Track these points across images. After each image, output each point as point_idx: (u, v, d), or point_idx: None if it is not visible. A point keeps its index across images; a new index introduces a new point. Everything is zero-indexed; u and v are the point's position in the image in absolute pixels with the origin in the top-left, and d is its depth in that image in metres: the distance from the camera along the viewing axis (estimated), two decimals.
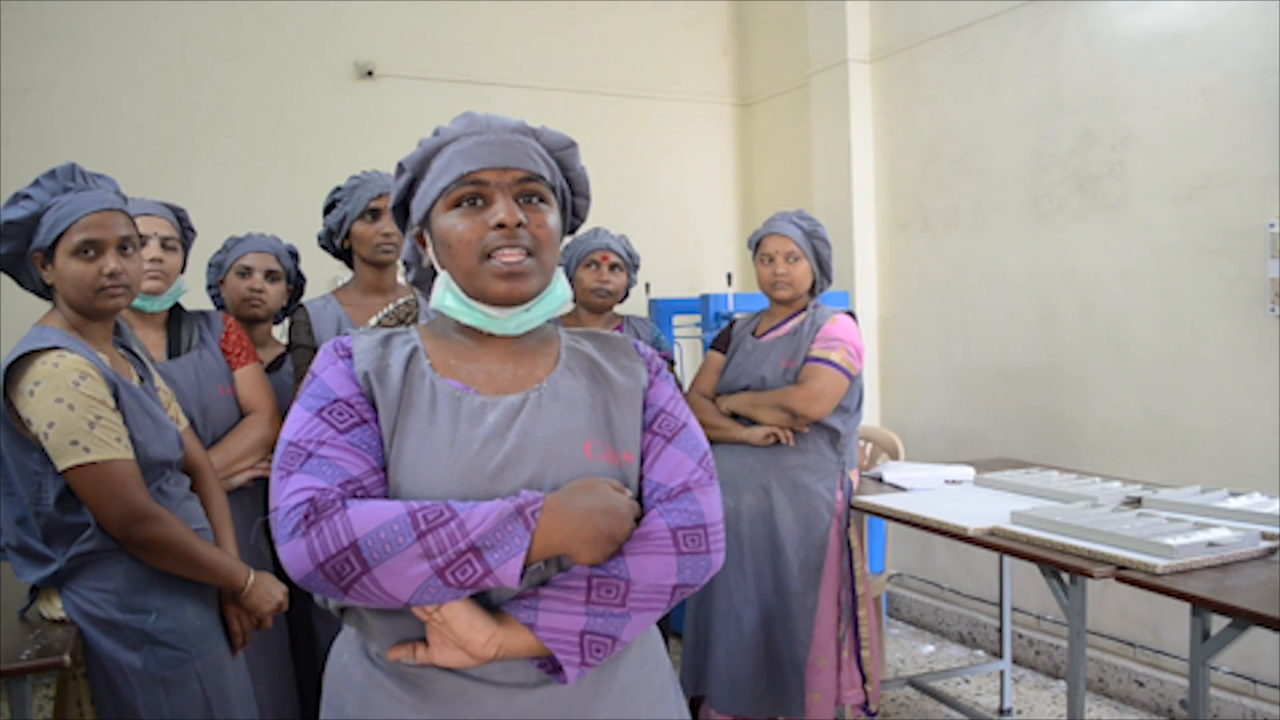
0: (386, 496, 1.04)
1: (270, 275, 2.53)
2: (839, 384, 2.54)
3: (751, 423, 2.62)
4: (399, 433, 1.06)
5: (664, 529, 1.06)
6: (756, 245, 2.70)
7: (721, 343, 2.83)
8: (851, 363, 2.56)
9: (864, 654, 2.62)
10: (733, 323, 2.88)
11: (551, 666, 1.03)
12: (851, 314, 2.68)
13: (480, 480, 1.04)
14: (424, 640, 1.04)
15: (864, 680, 2.61)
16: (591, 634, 1.01)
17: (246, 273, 2.51)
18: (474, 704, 1.04)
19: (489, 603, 1.04)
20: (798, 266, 2.62)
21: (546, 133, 1.18)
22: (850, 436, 2.66)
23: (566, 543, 1.01)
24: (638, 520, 1.07)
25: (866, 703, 2.62)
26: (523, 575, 0.99)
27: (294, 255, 2.65)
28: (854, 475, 2.68)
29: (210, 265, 2.64)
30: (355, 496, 1.01)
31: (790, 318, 2.69)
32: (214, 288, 2.66)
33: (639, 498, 1.11)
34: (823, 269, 2.68)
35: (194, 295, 2.60)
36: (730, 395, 2.70)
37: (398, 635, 1.06)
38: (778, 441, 2.58)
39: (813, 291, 2.71)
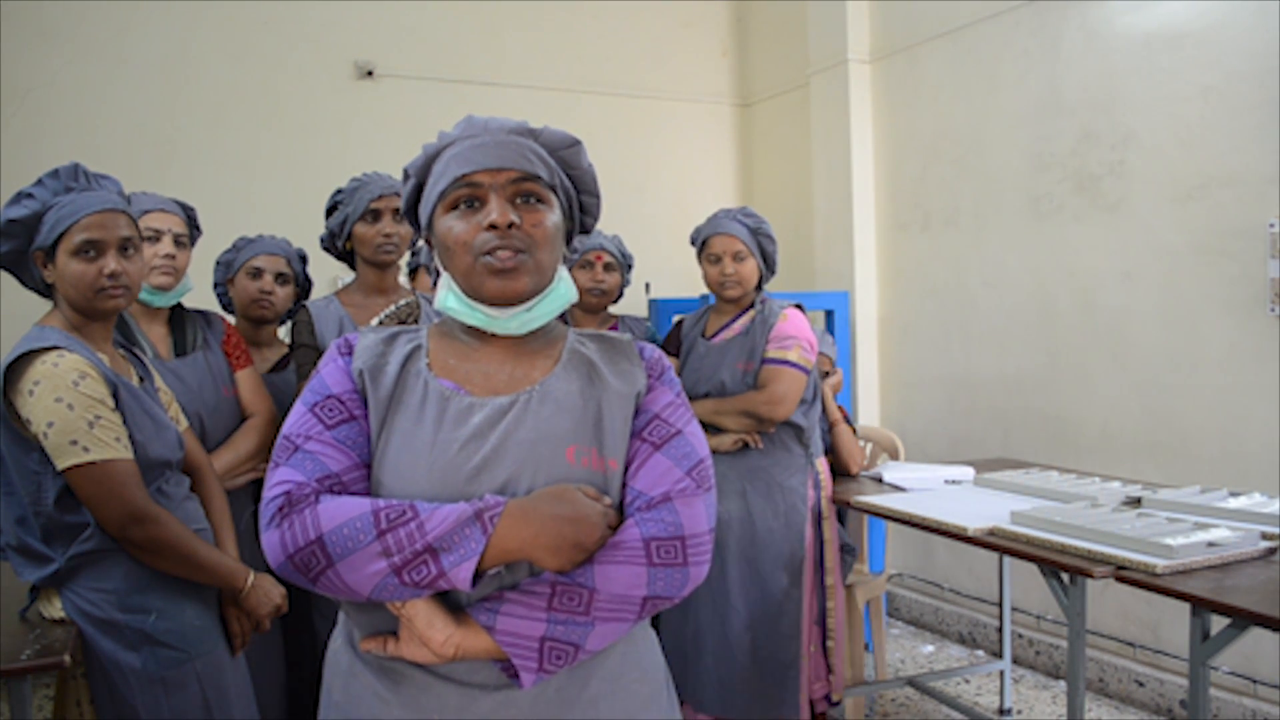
0: (367, 493, 1.06)
1: (280, 278, 2.55)
2: (799, 383, 2.53)
3: (718, 430, 2.60)
4: (386, 430, 1.08)
5: (636, 539, 1.04)
6: (702, 244, 2.68)
7: (672, 345, 2.80)
8: (807, 358, 2.55)
9: (829, 644, 2.61)
10: (679, 323, 2.84)
11: (513, 670, 1.03)
12: (799, 306, 2.66)
13: (456, 481, 1.04)
14: (396, 633, 1.05)
15: (829, 672, 2.61)
16: (552, 640, 1.01)
17: (257, 274, 2.52)
18: (439, 700, 1.05)
19: (456, 603, 1.04)
20: (745, 265, 2.60)
21: (548, 132, 1.18)
22: (812, 428, 2.65)
23: (525, 548, 1.00)
24: (615, 528, 1.06)
25: (829, 694, 2.62)
26: (478, 579, 0.99)
27: (303, 259, 2.66)
28: (820, 464, 2.67)
29: (218, 263, 2.64)
30: (333, 492, 1.03)
31: (739, 315, 2.67)
32: (220, 285, 2.66)
33: (621, 505, 1.10)
34: (768, 264, 2.66)
35: (201, 295, 2.60)
36: (695, 402, 2.65)
37: (373, 627, 1.08)
38: (746, 446, 2.57)
39: (759, 286, 2.69)
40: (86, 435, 1.53)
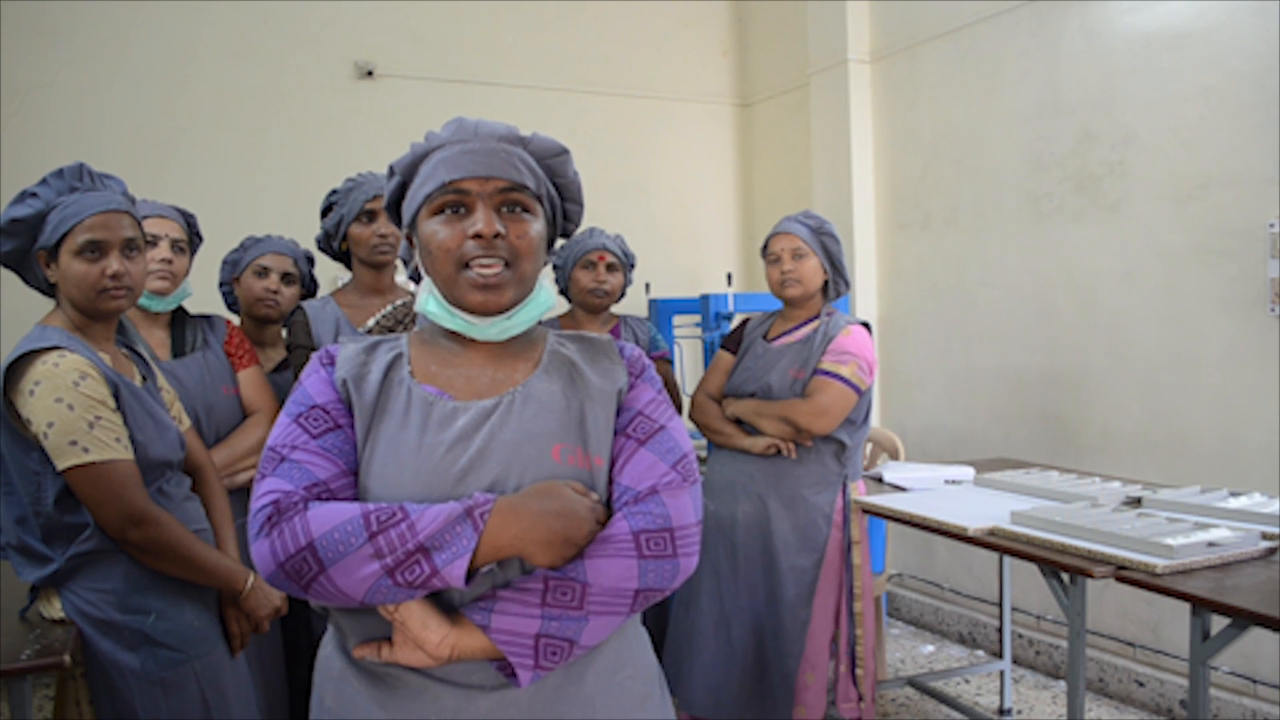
0: (355, 500, 1.06)
1: (286, 278, 2.55)
2: (847, 399, 2.48)
3: (755, 430, 2.57)
4: (371, 438, 1.08)
5: (626, 532, 1.05)
6: (764, 250, 2.64)
7: (732, 342, 2.76)
8: (861, 378, 2.49)
9: (859, 671, 2.57)
10: (745, 320, 2.81)
11: (510, 669, 1.03)
12: (866, 325, 2.61)
13: (444, 484, 1.05)
14: (389, 639, 1.05)
15: (859, 698, 2.58)
16: (547, 637, 1.01)
17: (264, 273, 2.53)
18: (435, 703, 1.05)
19: (451, 604, 1.04)
20: (805, 263, 2.55)
21: (537, 140, 1.18)
22: (856, 449, 2.60)
23: (516, 544, 1.01)
24: (604, 524, 1.07)
25: (859, 717, 2.59)
26: (471, 577, 1.00)
27: (310, 259, 2.66)
28: (855, 487, 2.61)
29: (225, 263, 2.64)
30: (321, 499, 1.03)
31: (804, 323, 2.62)
32: (226, 285, 2.66)
33: (609, 501, 1.11)
34: (835, 267, 2.60)
35: (204, 294, 2.60)
36: (736, 400, 2.64)
37: (365, 633, 1.07)
38: (778, 452, 2.54)
39: (826, 293, 2.63)
40: (86, 436, 1.53)
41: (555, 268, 2.91)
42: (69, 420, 1.52)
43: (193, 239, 2.20)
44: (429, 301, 1.14)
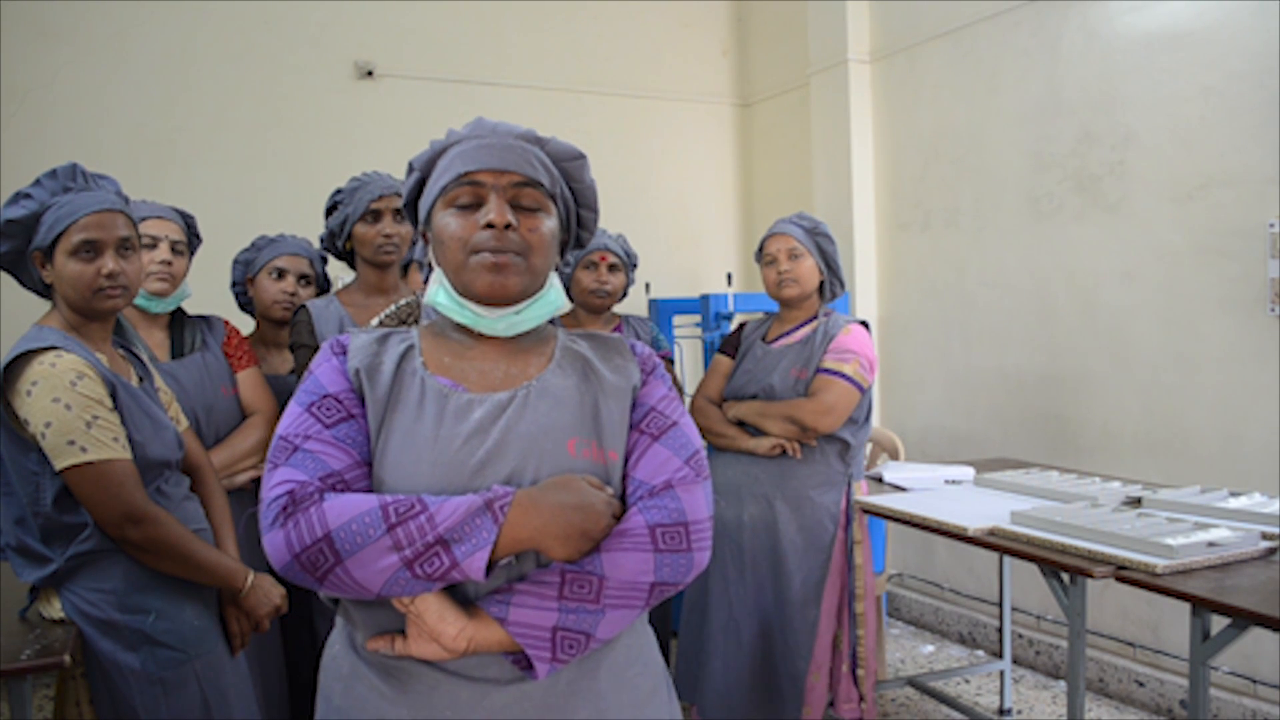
0: (369, 490, 1.06)
1: (303, 279, 2.54)
2: (850, 397, 2.48)
3: (758, 432, 2.56)
4: (385, 428, 1.08)
5: (641, 526, 1.05)
6: (760, 252, 2.65)
7: (730, 346, 2.76)
8: (863, 375, 2.50)
9: (859, 672, 2.58)
10: (742, 325, 2.81)
11: (525, 662, 1.03)
12: (865, 323, 2.61)
13: (461, 476, 1.05)
14: (403, 632, 1.05)
15: (860, 698, 2.58)
16: (564, 630, 1.02)
17: (281, 275, 2.51)
18: (449, 698, 1.05)
19: (466, 596, 1.04)
20: (801, 263, 2.56)
21: (554, 143, 1.19)
22: (859, 448, 2.61)
23: (536, 537, 1.01)
24: (619, 518, 1.07)
25: (861, 718, 2.60)
26: (490, 569, 1.00)
27: (324, 259, 2.65)
28: (859, 487, 2.62)
29: (237, 262, 2.62)
30: (335, 490, 1.03)
31: (803, 324, 2.63)
32: (239, 285, 2.64)
33: (624, 496, 1.11)
34: (830, 267, 2.61)
35: (202, 295, 2.59)
36: (738, 402, 2.64)
37: (379, 627, 1.07)
38: (784, 453, 2.54)
39: (822, 294, 2.64)
40: (84, 435, 1.53)
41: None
42: (66, 420, 1.52)
43: (191, 240, 2.20)
44: (439, 293, 1.15)
